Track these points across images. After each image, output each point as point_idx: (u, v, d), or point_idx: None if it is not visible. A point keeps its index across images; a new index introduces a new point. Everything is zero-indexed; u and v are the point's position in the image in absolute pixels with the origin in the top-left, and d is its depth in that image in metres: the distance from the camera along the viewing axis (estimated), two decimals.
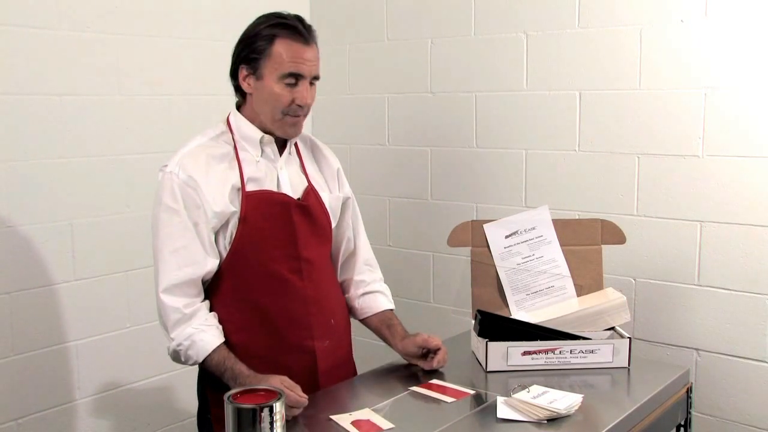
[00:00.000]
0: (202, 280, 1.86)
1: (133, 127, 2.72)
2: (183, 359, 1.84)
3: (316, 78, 1.89)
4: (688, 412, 2.11)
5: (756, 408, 2.41)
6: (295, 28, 1.84)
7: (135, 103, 2.72)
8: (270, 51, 1.82)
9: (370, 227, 2.26)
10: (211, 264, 1.84)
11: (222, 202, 1.83)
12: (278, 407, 1.40)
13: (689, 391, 2.10)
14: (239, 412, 1.39)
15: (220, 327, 1.85)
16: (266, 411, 1.39)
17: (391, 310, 2.15)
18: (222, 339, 1.83)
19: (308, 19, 1.91)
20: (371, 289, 2.13)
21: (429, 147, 3.04)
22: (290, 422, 1.66)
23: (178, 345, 1.81)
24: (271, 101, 1.85)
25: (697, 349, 2.50)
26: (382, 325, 2.10)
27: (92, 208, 2.63)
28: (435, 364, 2.01)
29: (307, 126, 1.95)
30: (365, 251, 2.16)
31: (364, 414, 1.75)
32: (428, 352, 2.03)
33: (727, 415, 2.46)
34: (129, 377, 2.79)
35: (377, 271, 2.19)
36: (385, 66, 3.14)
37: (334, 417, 1.73)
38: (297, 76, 1.84)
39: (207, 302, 1.87)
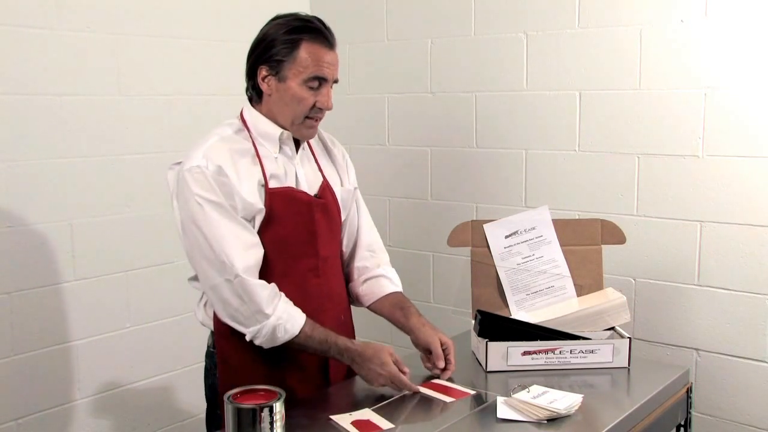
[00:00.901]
0: None
1: (132, 127, 2.72)
2: (279, 335, 1.78)
3: (336, 81, 1.89)
4: (688, 412, 2.11)
5: (756, 408, 2.41)
6: (320, 32, 1.84)
7: (135, 103, 2.72)
8: (296, 54, 1.81)
9: None
10: (262, 250, 1.82)
11: (252, 196, 1.80)
12: (278, 407, 1.40)
13: (689, 391, 2.10)
14: (239, 412, 1.39)
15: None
16: (266, 411, 1.39)
17: (399, 292, 2.08)
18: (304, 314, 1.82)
19: None
20: (373, 274, 2.08)
21: (429, 147, 3.04)
22: (290, 422, 1.65)
23: (278, 319, 1.76)
24: (294, 104, 1.84)
25: (697, 349, 2.50)
26: (394, 309, 2.03)
27: (92, 208, 2.63)
28: (433, 371, 1.96)
29: None
30: (367, 237, 2.11)
31: (364, 414, 1.75)
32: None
33: (727, 415, 2.46)
34: (129, 377, 2.78)
35: (381, 255, 2.12)
36: (385, 66, 3.14)
37: (334, 417, 1.73)
38: (321, 80, 1.84)
39: None
